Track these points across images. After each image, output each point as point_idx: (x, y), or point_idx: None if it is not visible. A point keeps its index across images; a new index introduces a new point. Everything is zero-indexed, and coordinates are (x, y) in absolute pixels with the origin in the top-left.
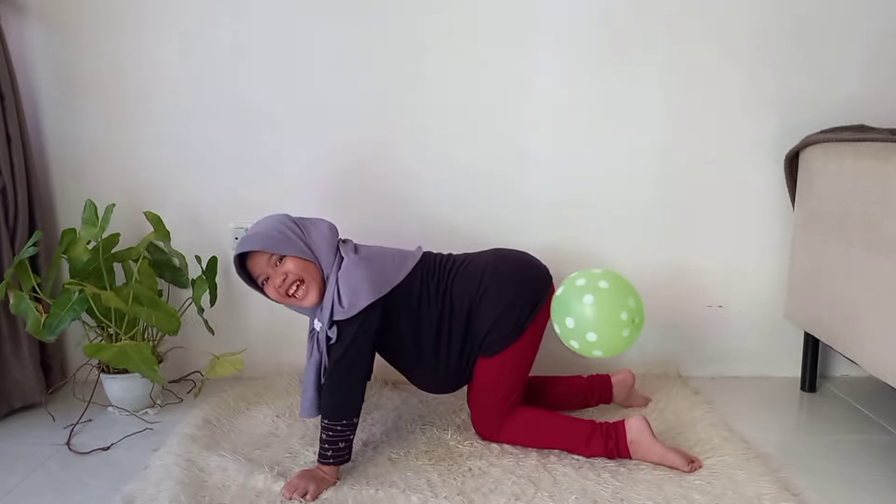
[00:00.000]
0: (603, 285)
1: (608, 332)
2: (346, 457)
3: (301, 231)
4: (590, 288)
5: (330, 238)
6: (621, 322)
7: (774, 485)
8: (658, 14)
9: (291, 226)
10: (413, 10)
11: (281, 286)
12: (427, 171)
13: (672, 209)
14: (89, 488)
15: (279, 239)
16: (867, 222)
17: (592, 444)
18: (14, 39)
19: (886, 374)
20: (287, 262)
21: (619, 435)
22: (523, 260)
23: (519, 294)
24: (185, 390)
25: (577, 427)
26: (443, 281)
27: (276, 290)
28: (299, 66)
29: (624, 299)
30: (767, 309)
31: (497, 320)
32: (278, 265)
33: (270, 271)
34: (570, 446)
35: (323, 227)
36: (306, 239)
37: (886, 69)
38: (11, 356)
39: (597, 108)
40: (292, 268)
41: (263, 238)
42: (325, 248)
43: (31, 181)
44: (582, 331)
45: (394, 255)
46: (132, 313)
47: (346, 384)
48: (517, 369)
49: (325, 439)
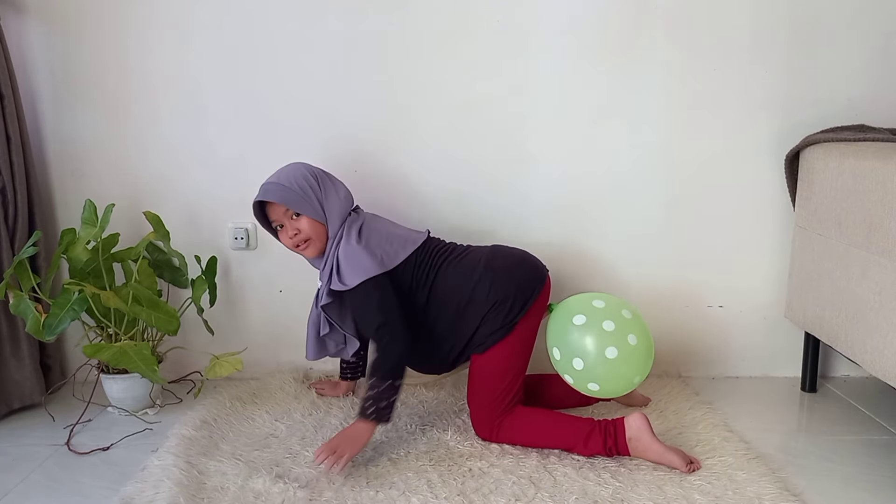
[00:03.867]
0: (632, 341)
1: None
2: (388, 417)
3: (320, 189)
4: (616, 339)
5: (344, 205)
6: (632, 384)
7: (774, 485)
8: (658, 14)
9: (312, 182)
10: (413, 10)
11: (293, 238)
12: (427, 170)
13: (672, 209)
14: (88, 489)
15: (298, 196)
16: (868, 222)
17: (591, 442)
18: (14, 39)
19: (887, 374)
20: (302, 220)
21: (619, 432)
22: (518, 256)
23: (510, 290)
24: (185, 390)
25: (575, 425)
26: (432, 271)
27: (289, 239)
28: (299, 65)
29: (647, 360)
30: (768, 309)
31: (487, 315)
32: (294, 219)
33: (286, 221)
34: (569, 444)
35: (341, 191)
36: (322, 199)
37: (886, 69)
38: (11, 356)
39: (597, 108)
40: (305, 226)
41: (285, 191)
42: (336, 215)
43: (31, 181)
44: (586, 378)
45: (395, 239)
46: (132, 313)
47: (392, 345)
48: (511, 367)
49: (369, 396)
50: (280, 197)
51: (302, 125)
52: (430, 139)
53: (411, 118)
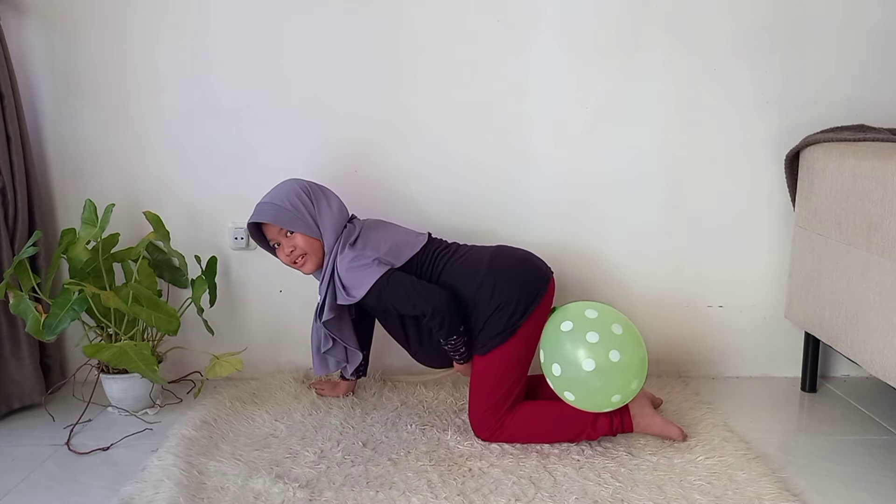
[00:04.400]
0: (613, 357)
1: (589, 402)
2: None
3: (312, 205)
4: (596, 352)
5: (338, 219)
6: (611, 402)
7: (775, 485)
8: (659, 14)
9: (304, 198)
10: (414, 9)
11: (289, 255)
12: (427, 169)
13: (672, 209)
14: (88, 489)
15: (291, 214)
16: (868, 222)
17: (598, 424)
18: (14, 39)
19: (887, 374)
20: (296, 237)
21: (623, 409)
22: (522, 258)
23: (513, 293)
24: (185, 390)
25: (581, 411)
26: (434, 273)
27: (286, 256)
28: (299, 65)
29: (629, 380)
30: (768, 309)
31: (490, 318)
32: (289, 236)
33: (282, 240)
34: (577, 430)
35: (334, 205)
36: (315, 214)
37: (886, 69)
38: (11, 356)
39: (597, 107)
40: (300, 243)
41: (277, 210)
42: (330, 230)
43: (31, 181)
44: (562, 385)
45: (393, 245)
46: (132, 313)
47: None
48: (513, 367)
49: (456, 347)
50: (272, 217)
51: (302, 125)
52: (430, 139)
53: (411, 118)
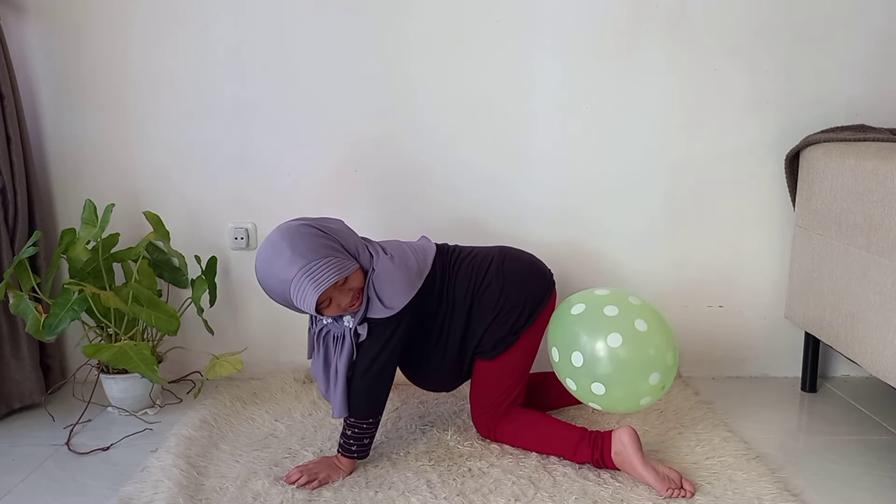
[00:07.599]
0: (640, 327)
1: (622, 390)
2: (368, 452)
3: (336, 238)
4: (620, 325)
5: (355, 237)
6: (649, 387)
7: (774, 485)
8: (659, 14)
9: (331, 239)
10: (414, 9)
11: (350, 300)
12: (427, 169)
13: (672, 208)
14: (88, 489)
15: (342, 255)
16: (868, 222)
17: (580, 451)
18: (14, 39)
19: (887, 374)
20: (351, 279)
21: (605, 446)
22: (528, 262)
23: (520, 297)
24: (185, 390)
25: (567, 434)
26: (448, 279)
27: (343, 308)
28: (299, 65)
29: (662, 353)
30: (768, 309)
31: (494, 321)
32: (343, 284)
33: (336, 293)
34: (560, 452)
35: (343, 227)
36: (345, 244)
37: (886, 69)
38: (11, 356)
39: (598, 107)
40: (356, 283)
41: (331, 263)
42: (360, 249)
43: (31, 181)
44: (587, 376)
45: (414, 250)
46: (132, 313)
47: (378, 383)
48: (515, 369)
49: (350, 435)
50: (337, 271)
51: (302, 125)
52: (430, 139)
53: (412, 118)
